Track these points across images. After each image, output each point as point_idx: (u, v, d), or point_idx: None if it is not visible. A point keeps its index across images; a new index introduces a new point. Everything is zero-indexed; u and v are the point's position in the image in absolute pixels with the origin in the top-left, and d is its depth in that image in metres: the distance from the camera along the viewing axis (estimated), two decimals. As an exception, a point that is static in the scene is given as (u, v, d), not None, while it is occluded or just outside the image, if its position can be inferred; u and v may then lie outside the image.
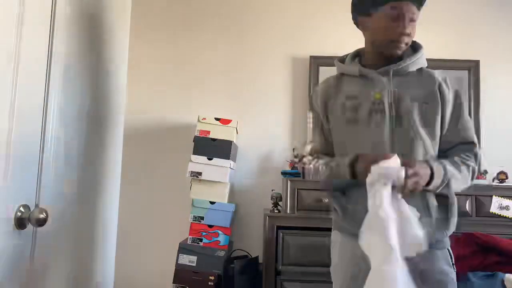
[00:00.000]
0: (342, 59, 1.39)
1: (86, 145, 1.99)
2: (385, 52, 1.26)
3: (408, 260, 0.95)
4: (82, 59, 1.90)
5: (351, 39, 2.61)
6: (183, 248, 2.15)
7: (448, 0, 2.64)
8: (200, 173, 2.20)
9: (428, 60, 2.66)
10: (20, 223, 1.11)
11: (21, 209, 1.11)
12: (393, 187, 1.00)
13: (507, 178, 2.30)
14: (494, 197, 2.14)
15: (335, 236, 1.35)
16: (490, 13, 2.64)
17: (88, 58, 1.98)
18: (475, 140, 1.24)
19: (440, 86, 1.26)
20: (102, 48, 2.17)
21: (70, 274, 1.87)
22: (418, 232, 0.97)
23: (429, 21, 2.63)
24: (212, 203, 2.19)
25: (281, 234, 2.00)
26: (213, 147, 2.21)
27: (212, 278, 2.09)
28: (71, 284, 1.88)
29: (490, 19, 2.64)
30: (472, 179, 1.17)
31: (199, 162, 2.21)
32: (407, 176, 1.00)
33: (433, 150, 1.21)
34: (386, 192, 0.99)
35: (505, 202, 2.13)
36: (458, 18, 2.63)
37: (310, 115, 1.38)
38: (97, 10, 2.08)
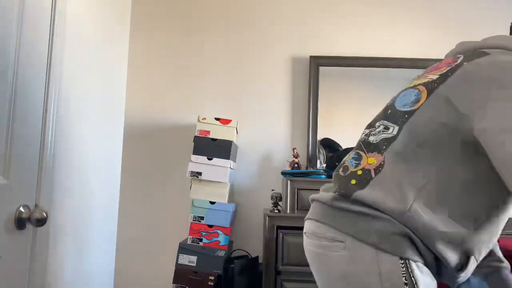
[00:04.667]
0: None
1: (86, 145, 1.99)
2: None
3: None
4: (82, 59, 1.90)
5: (351, 39, 2.62)
6: (183, 248, 2.15)
7: (448, 0, 2.65)
8: (200, 173, 2.20)
9: (427, 60, 2.69)
10: (20, 223, 1.11)
11: (21, 209, 1.12)
12: None
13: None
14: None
15: None
16: (490, 13, 2.64)
17: (88, 58, 1.98)
18: None
19: None
20: (102, 48, 2.17)
21: (70, 274, 1.88)
22: None
23: (429, 21, 2.63)
24: (212, 203, 2.19)
25: (281, 234, 2.00)
26: (213, 147, 2.22)
27: (212, 278, 2.09)
28: (71, 284, 1.88)
29: (490, 19, 2.64)
30: None
31: (199, 162, 2.21)
32: None
33: None
34: None
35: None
36: (457, 18, 2.63)
37: None
38: (97, 10, 2.08)
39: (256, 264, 2.20)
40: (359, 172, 0.89)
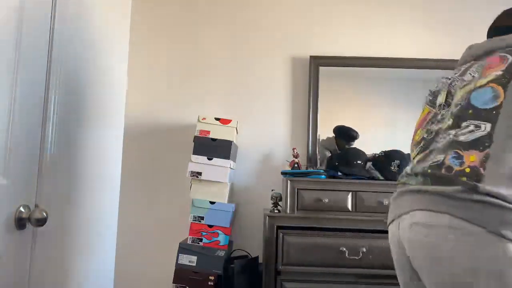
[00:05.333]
0: None
1: (86, 145, 1.99)
2: None
3: None
4: (82, 59, 1.90)
5: (351, 39, 2.62)
6: (183, 248, 2.15)
7: (448, 0, 2.65)
8: (200, 173, 2.20)
9: (427, 60, 2.69)
10: (20, 223, 1.11)
11: (21, 209, 1.11)
12: None
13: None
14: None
15: None
16: (490, 13, 2.64)
17: (88, 58, 1.98)
18: None
19: None
20: (102, 48, 2.17)
21: (70, 274, 1.87)
22: None
23: (429, 21, 2.63)
24: (212, 203, 2.19)
25: (281, 234, 2.00)
26: (213, 147, 2.22)
27: (212, 278, 2.09)
28: (71, 284, 1.88)
29: (490, 19, 2.64)
30: None
31: (199, 162, 2.21)
32: None
33: None
34: None
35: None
36: (458, 18, 2.63)
37: None
38: (97, 10, 2.08)
39: (256, 264, 2.20)
40: (467, 170, 0.94)
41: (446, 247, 0.91)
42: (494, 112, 0.95)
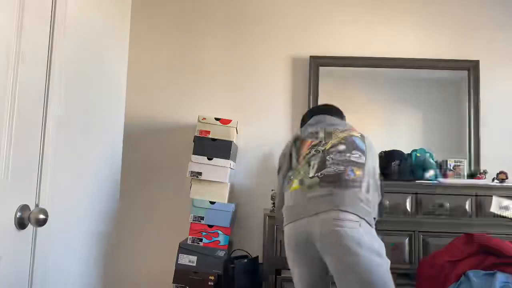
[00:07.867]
0: None
1: (86, 145, 1.99)
2: None
3: None
4: (82, 59, 1.90)
5: (351, 39, 2.62)
6: (183, 248, 2.15)
7: (448, 0, 2.65)
8: (200, 173, 2.20)
9: (428, 60, 2.68)
10: (20, 223, 1.11)
11: (21, 209, 1.11)
12: None
13: (507, 178, 2.29)
14: (494, 197, 2.14)
15: None
16: (490, 13, 2.64)
17: (88, 58, 1.98)
18: None
19: None
20: (102, 48, 2.17)
21: (70, 274, 1.88)
22: None
23: (429, 21, 2.63)
24: (212, 203, 2.19)
25: (281, 234, 2.00)
26: (213, 147, 2.22)
27: (212, 278, 2.09)
28: (71, 284, 1.88)
29: (490, 19, 2.64)
30: None
31: (199, 162, 2.21)
32: None
33: None
34: None
35: (505, 202, 2.13)
36: (457, 18, 2.63)
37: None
38: (97, 11, 2.08)
39: (256, 264, 2.20)
40: (354, 178, 1.57)
41: (345, 232, 1.43)
42: (365, 151, 1.65)
